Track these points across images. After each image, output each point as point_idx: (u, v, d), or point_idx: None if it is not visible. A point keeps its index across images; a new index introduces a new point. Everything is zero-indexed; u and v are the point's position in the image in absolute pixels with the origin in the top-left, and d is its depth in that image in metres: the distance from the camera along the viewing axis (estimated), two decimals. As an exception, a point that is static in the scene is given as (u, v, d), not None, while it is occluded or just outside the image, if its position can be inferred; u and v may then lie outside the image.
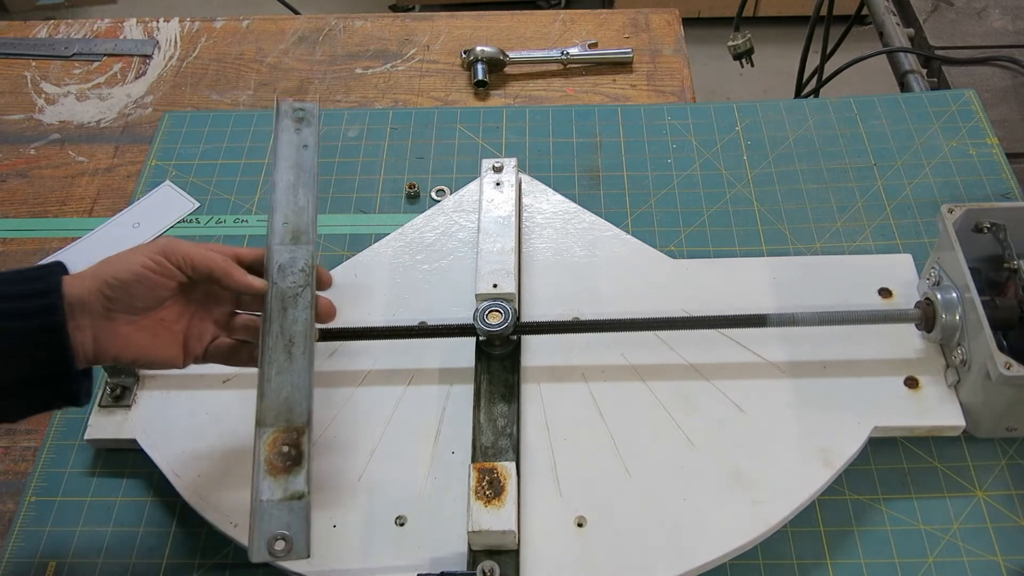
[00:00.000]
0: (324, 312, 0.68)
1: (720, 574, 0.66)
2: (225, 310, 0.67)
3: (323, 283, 0.69)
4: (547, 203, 0.87)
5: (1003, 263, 0.72)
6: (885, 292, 0.78)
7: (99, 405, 0.74)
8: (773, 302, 0.78)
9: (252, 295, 0.66)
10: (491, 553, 0.63)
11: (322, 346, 0.76)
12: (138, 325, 0.61)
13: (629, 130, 0.98)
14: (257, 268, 0.66)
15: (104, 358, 0.59)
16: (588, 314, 0.77)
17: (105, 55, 1.14)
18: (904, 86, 1.10)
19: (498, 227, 0.80)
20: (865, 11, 1.24)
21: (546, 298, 0.79)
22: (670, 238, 0.87)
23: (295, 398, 0.62)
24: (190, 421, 0.73)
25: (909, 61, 1.11)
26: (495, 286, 0.75)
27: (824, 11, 1.30)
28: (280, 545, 0.58)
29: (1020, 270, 0.70)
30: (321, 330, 0.74)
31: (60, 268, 0.59)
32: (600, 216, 0.86)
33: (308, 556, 0.59)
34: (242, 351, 0.67)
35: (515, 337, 0.75)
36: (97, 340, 0.58)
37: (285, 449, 0.61)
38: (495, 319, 0.72)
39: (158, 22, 1.18)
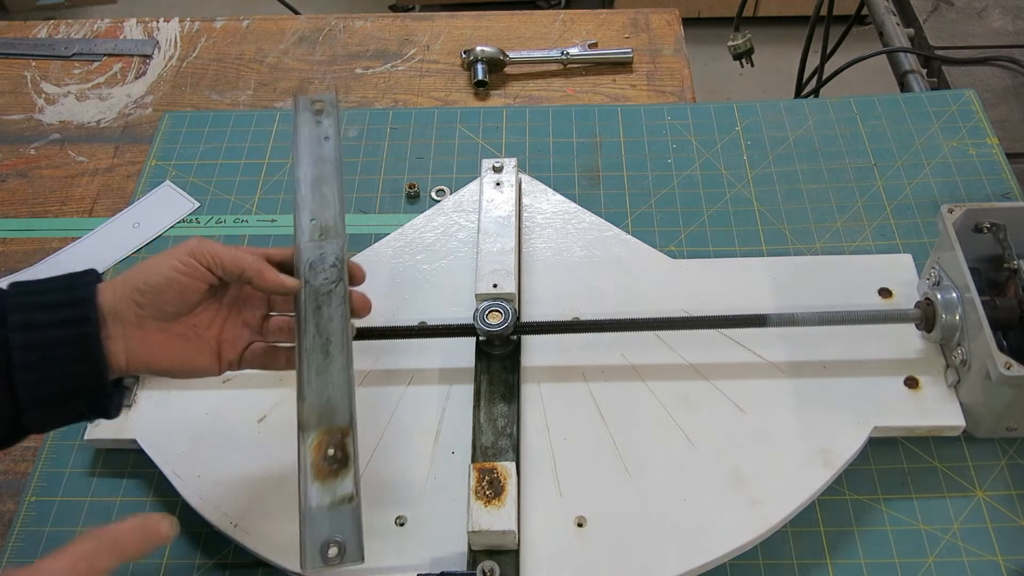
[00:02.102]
0: (359, 306, 0.66)
1: (720, 574, 0.66)
2: (258, 313, 0.65)
3: (356, 278, 0.67)
4: (547, 203, 0.87)
5: (1003, 263, 0.72)
6: (885, 292, 0.78)
7: (99, 405, 0.74)
8: (773, 302, 0.78)
9: (285, 295, 0.64)
10: (491, 553, 0.63)
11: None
12: (170, 333, 0.60)
13: (629, 130, 0.98)
14: (287, 268, 0.65)
15: (136, 368, 0.58)
16: (588, 314, 0.77)
17: (105, 55, 1.14)
18: (904, 86, 1.10)
19: (498, 227, 0.80)
20: (865, 11, 1.24)
21: (546, 298, 0.79)
22: (670, 238, 0.87)
23: (336, 398, 0.61)
24: (190, 421, 0.73)
25: (909, 61, 1.11)
26: (495, 286, 0.75)
27: (824, 11, 1.30)
28: (333, 552, 0.56)
29: (1020, 270, 0.70)
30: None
31: (93, 277, 0.58)
32: (600, 216, 0.86)
33: (363, 561, 0.57)
34: (279, 354, 0.65)
35: (515, 337, 0.75)
36: (129, 350, 0.57)
37: (331, 452, 0.59)
38: (495, 319, 0.72)
39: (158, 22, 1.18)
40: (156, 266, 0.59)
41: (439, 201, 0.90)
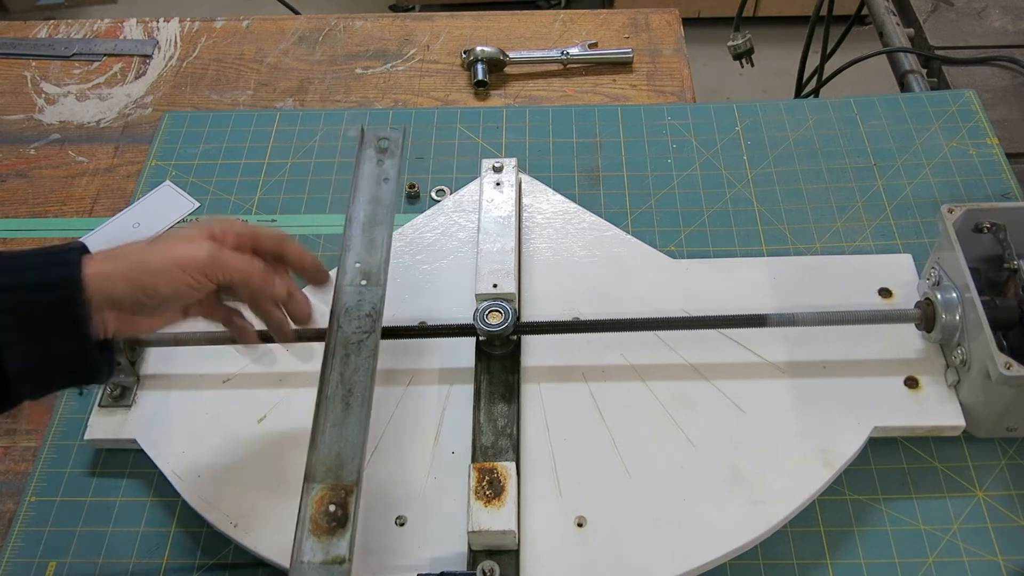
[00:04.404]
0: (301, 314, 0.66)
1: (720, 574, 0.66)
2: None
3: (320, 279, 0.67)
4: (547, 203, 0.87)
5: (1003, 263, 0.72)
6: (885, 292, 0.78)
7: (99, 405, 0.74)
8: (773, 302, 0.78)
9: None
10: (491, 553, 0.63)
11: (322, 346, 0.76)
12: (154, 315, 0.61)
13: (629, 130, 0.98)
14: (269, 251, 0.65)
15: (119, 335, 0.59)
16: (588, 314, 0.77)
17: (105, 55, 1.14)
18: (904, 86, 1.10)
19: (498, 227, 0.80)
20: (865, 11, 1.24)
21: (546, 298, 0.79)
22: (670, 238, 0.87)
23: (347, 454, 0.60)
24: (190, 421, 0.73)
25: (909, 61, 1.11)
26: (495, 286, 0.75)
27: (824, 11, 1.30)
28: None
29: (1020, 270, 0.70)
30: (321, 331, 0.74)
31: (78, 254, 0.57)
32: (600, 216, 0.86)
33: None
34: (246, 331, 0.66)
35: (515, 337, 0.75)
36: (117, 329, 0.58)
37: (332, 509, 0.58)
38: (495, 319, 0.72)
39: (158, 22, 1.18)
40: (164, 275, 0.58)
41: (439, 201, 0.90)
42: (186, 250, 0.60)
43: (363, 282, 0.66)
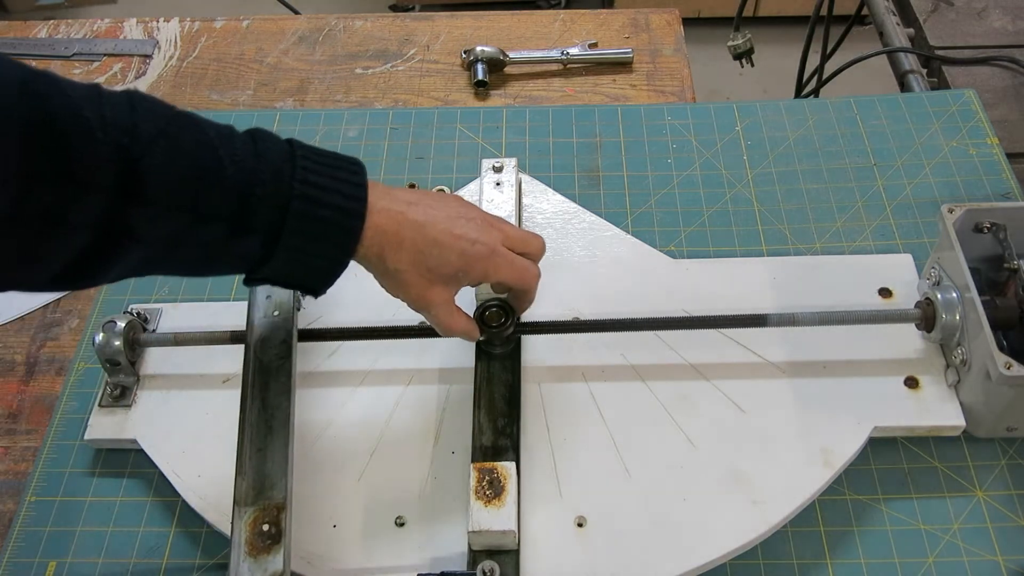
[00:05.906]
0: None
1: (720, 574, 0.66)
2: None
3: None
4: (547, 203, 0.87)
5: (1003, 263, 0.72)
6: (885, 292, 0.78)
7: (99, 405, 0.74)
8: (773, 302, 0.78)
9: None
10: (491, 553, 0.63)
11: (322, 346, 0.76)
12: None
13: (629, 130, 0.98)
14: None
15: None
16: (588, 314, 0.77)
17: (105, 55, 1.14)
18: (904, 86, 1.10)
19: (498, 227, 0.80)
20: (865, 11, 1.24)
21: (546, 298, 0.79)
22: (670, 238, 0.87)
23: (275, 474, 0.62)
24: (190, 421, 0.73)
25: (909, 61, 1.11)
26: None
27: (824, 11, 1.30)
28: None
29: (1020, 270, 0.70)
30: (321, 330, 0.74)
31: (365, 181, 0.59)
32: (600, 216, 0.86)
33: None
34: None
35: (515, 337, 0.75)
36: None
37: (265, 528, 0.60)
38: (495, 319, 0.72)
39: (158, 22, 1.18)
40: (440, 247, 0.61)
41: (439, 201, 0.90)
42: (467, 230, 0.62)
43: (275, 313, 0.69)
